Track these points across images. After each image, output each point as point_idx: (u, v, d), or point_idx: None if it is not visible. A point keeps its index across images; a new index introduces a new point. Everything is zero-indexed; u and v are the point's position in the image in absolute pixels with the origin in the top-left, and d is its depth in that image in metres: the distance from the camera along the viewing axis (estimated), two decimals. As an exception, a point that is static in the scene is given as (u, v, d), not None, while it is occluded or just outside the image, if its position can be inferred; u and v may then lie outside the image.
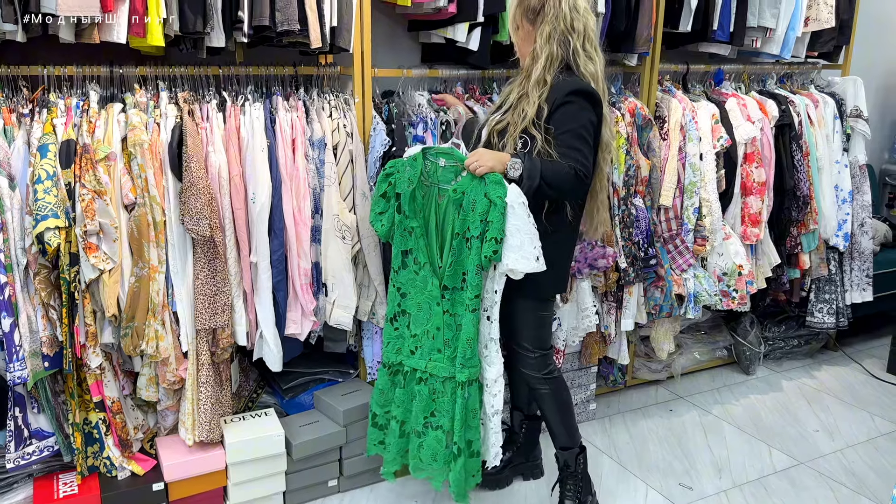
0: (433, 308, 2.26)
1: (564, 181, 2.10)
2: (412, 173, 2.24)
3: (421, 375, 2.31)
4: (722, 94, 3.30)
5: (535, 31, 2.21)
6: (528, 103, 2.16)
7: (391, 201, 2.28)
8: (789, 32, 3.42)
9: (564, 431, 2.46)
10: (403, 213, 2.26)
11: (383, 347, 2.39)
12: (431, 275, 2.25)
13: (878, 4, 4.35)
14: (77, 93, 2.26)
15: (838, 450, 3.01)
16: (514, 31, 2.30)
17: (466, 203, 2.16)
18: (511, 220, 2.09)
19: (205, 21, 2.21)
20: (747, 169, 3.23)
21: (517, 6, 2.26)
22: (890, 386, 3.62)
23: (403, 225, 2.27)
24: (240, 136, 2.32)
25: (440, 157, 2.23)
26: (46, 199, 2.04)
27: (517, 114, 2.19)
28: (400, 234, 2.28)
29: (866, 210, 3.71)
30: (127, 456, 2.35)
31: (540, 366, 2.38)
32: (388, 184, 2.28)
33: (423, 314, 2.29)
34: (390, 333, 2.37)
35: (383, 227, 2.31)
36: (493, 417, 2.28)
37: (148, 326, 2.23)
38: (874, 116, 4.26)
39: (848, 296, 3.74)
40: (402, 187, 2.25)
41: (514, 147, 2.18)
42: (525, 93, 2.20)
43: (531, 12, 2.21)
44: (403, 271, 2.30)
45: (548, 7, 2.17)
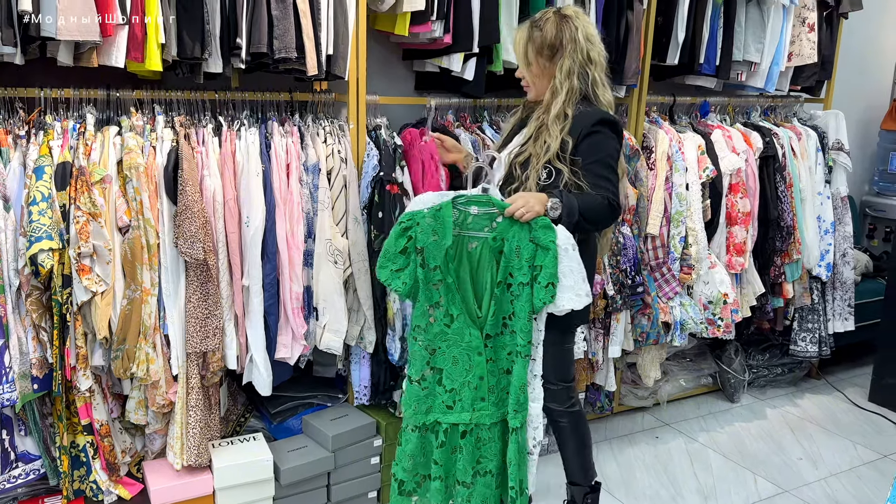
0: (474, 358, 2.14)
1: (600, 213, 2.11)
2: (438, 225, 2.10)
3: (465, 428, 2.18)
4: (708, 126, 3.37)
5: (552, 66, 2.21)
6: (549, 136, 2.16)
7: (412, 256, 2.12)
8: (773, 67, 3.50)
9: (579, 467, 2.45)
10: (430, 267, 2.11)
11: (408, 411, 2.20)
12: (469, 325, 2.13)
13: (859, 42, 4.47)
14: (74, 115, 2.27)
15: (822, 478, 3.04)
16: (526, 66, 2.28)
17: (508, 249, 2.08)
18: (564, 262, 2.05)
19: (203, 47, 2.23)
20: (732, 199, 3.29)
21: (527, 43, 2.24)
22: (872, 415, 3.66)
23: (431, 279, 2.12)
24: (235, 160, 2.34)
25: (471, 205, 2.12)
26: (41, 220, 2.05)
27: (539, 146, 2.18)
28: (426, 290, 2.13)
29: (848, 241, 3.79)
30: (114, 480, 2.33)
31: (563, 398, 2.37)
32: (408, 238, 2.11)
33: (460, 367, 2.16)
34: (416, 394, 2.18)
35: (405, 285, 2.13)
36: (534, 449, 2.22)
37: (139, 349, 2.22)
38: (855, 149, 4.35)
39: (830, 325, 3.79)
40: (424, 241, 2.10)
41: (538, 178, 2.17)
42: (545, 126, 2.19)
43: (547, 49, 2.20)
44: (432, 327, 2.15)
45: (565, 42, 2.17)
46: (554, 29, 2.19)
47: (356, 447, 2.61)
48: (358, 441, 2.62)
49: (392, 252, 2.13)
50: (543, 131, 2.20)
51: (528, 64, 2.26)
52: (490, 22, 2.71)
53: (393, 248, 2.12)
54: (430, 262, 2.11)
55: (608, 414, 3.47)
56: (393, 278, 2.14)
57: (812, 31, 3.56)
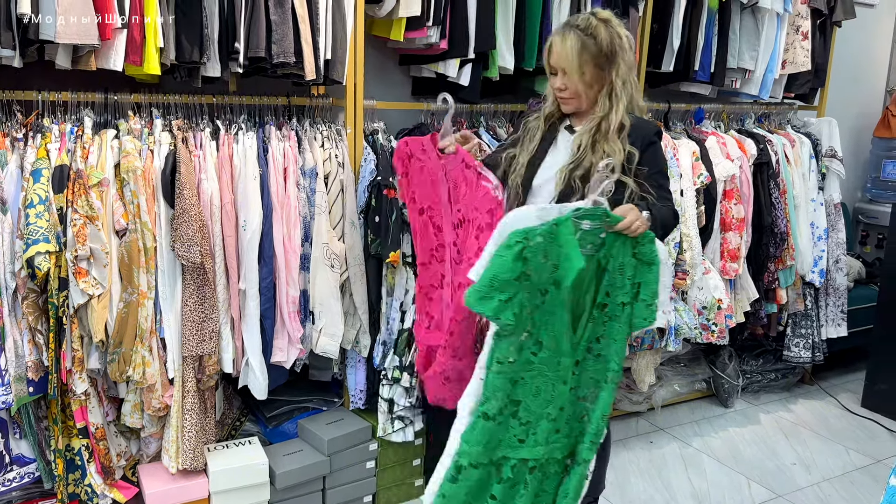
0: (558, 388, 1.90)
1: (671, 223, 2.06)
2: (551, 244, 1.81)
3: (534, 464, 1.93)
4: (702, 133, 3.39)
5: (606, 75, 2.08)
6: (608, 147, 2.04)
7: (522, 281, 1.81)
8: (767, 74, 3.53)
9: (594, 479, 2.39)
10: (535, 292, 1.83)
11: (474, 448, 1.89)
12: (562, 353, 1.89)
13: (852, 50, 4.51)
14: (71, 118, 2.28)
15: (815, 483, 3.06)
16: (579, 76, 2.06)
17: (613, 267, 1.87)
18: (663, 278, 1.90)
19: (201, 51, 2.24)
20: (726, 205, 3.31)
21: (581, 51, 2.05)
22: (864, 420, 3.68)
23: (530, 305, 1.84)
24: (232, 164, 2.35)
25: (585, 220, 1.83)
26: (38, 223, 2.05)
27: (599, 157, 2.04)
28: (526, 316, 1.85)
29: (841, 247, 3.81)
30: (109, 483, 2.33)
31: None
32: (524, 260, 1.78)
33: (541, 398, 1.90)
34: (490, 431, 1.89)
35: (516, 316, 1.81)
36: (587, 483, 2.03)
37: (135, 352, 2.22)
38: (848, 156, 4.38)
39: (823, 331, 3.81)
40: (535, 264, 1.80)
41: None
42: (602, 136, 2.07)
43: (603, 57, 2.06)
44: (520, 356, 1.87)
45: (617, 49, 2.07)
46: (607, 36, 2.06)
47: (352, 451, 2.61)
48: (353, 445, 2.62)
49: (504, 279, 1.78)
50: (601, 142, 2.06)
51: (581, 73, 2.07)
52: (486, 28, 2.73)
53: (507, 275, 1.78)
54: (537, 285, 1.83)
55: (603, 419, 3.47)
56: (502, 310, 1.80)
57: (806, 40, 3.60)
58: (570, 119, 2.21)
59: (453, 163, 2.23)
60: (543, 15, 2.87)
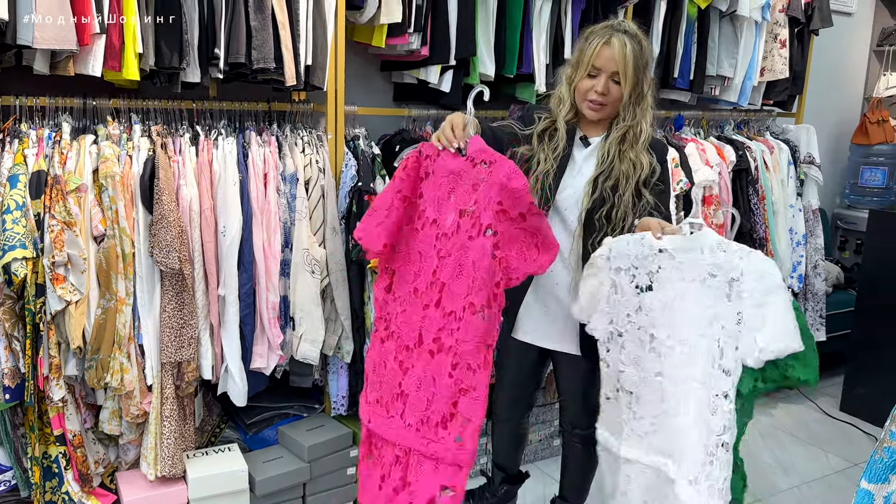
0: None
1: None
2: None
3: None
4: (682, 139, 3.42)
5: (640, 84, 2.04)
6: (636, 157, 2.03)
7: None
8: (746, 81, 3.58)
9: (578, 487, 2.41)
10: None
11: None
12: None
13: (829, 58, 4.57)
14: (49, 124, 2.26)
15: (794, 486, 3.08)
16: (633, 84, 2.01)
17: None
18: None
19: (181, 57, 2.24)
20: (706, 211, 3.34)
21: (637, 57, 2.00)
22: (843, 424, 3.72)
23: None
24: (212, 169, 2.34)
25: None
26: (15, 229, 2.03)
27: (627, 166, 2.03)
28: None
29: (819, 253, 3.85)
30: (86, 491, 2.31)
31: (591, 421, 2.22)
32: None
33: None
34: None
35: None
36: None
37: (113, 359, 2.21)
38: (826, 163, 4.44)
39: (802, 335, 3.85)
40: None
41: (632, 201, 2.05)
42: (630, 146, 2.05)
43: (644, 67, 2.04)
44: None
45: (650, 61, 2.06)
46: (647, 45, 2.05)
47: (332, 457, 2.61)
48: (334, 451, 2.61)
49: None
50: (628, 151, 2.04)
51: (634, 80, 2.01)
52: (466, 35, 2.75)
53: None
54: None
55: (584, 424, 3.49)
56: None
57: (784, 48, 3.64)
58: (583, 127, 2.15)
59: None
60: (524, 22, 2.89)
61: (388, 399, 1.92)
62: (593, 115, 2.08)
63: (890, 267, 3.61)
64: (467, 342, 1.78)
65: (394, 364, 1.91)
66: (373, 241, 1.88)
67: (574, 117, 2.14)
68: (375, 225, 1.88)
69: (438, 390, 1.81)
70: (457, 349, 1.79)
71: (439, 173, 1.85)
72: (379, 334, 1.95)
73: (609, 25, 2.05)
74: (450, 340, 1.80)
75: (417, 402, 1.84)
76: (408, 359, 1.88)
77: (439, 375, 1.81)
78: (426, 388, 1.83)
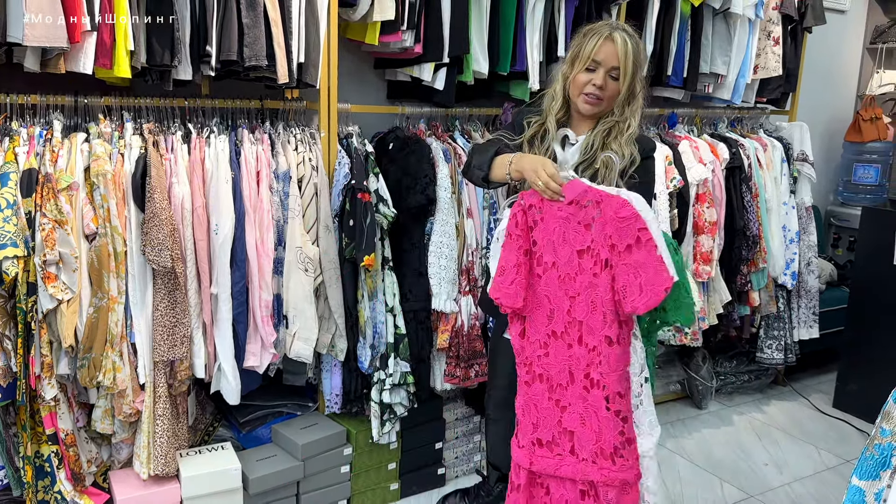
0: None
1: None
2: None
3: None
4: (675, 137, 3.42)
5: (635, 84, 2.08)
6: (619, 148, 2.06)
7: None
8: (739, 79, 3.58)
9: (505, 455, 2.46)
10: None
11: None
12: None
13: (823, 56, 4.57)
14: (40, 122, 2.25)
15: (787, 483, 3.10)
16: (631, 78, 2.05)
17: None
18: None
19: (172, 54, 2.23)
20: (699, 209, 3.34)
21: (637, 53, 2.05)
22: (835, 420, 3.73)
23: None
24: (204, 167, 2.33)
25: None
26: (6, 227, 2.02)
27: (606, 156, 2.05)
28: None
29: (812, 250, 3.86)
30: (79, 490, 2.30)
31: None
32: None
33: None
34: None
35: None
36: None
37: (105, 358, 2.20)
38: (819, 160, 4.45)
39: (796, 332, 3.86)
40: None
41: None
42: (615, 139, 2.07)
43: (641, 67, 2.08)
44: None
45: (644, 60, 2.09)
46: (643, 47, 2.09)
47: (326, 456, 2.61)
48: (328, 450, 2.61)
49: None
50: (611, 143, 2.07)
51: (633, 76, 2.05)
52: (460, 32, 2.74)
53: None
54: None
55: (578, 421, 3.49)
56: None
57: (777, 45, 3.65)
58: (572, 124, 2.17)
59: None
60: (517, 20, 2.88)
61: (548, 439, 1.97)
62: (588, 110, 2.09)
63: (883, 264, 3.62)
64: (611, 374, 1.88)
65: (548, 404, 1.97)
66: (512, 300, 1.93)
67: (565, 115, 2.15)
68: (510, 284, 1.93)
69: (602, 423, 1.89)
70: (604, 382, 1.88)
71: (548, 220, 1.92)
72: (523, 378, 2.01)
73: (608, 24, 2.09)
74: (597, 374, 1.90)
75: (587, 437, 1.92)
76: (564, 397, 1.95)
77: (598, 409, 1.90)
78: (591, 422, 1.91)
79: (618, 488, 1.89)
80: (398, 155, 2.73)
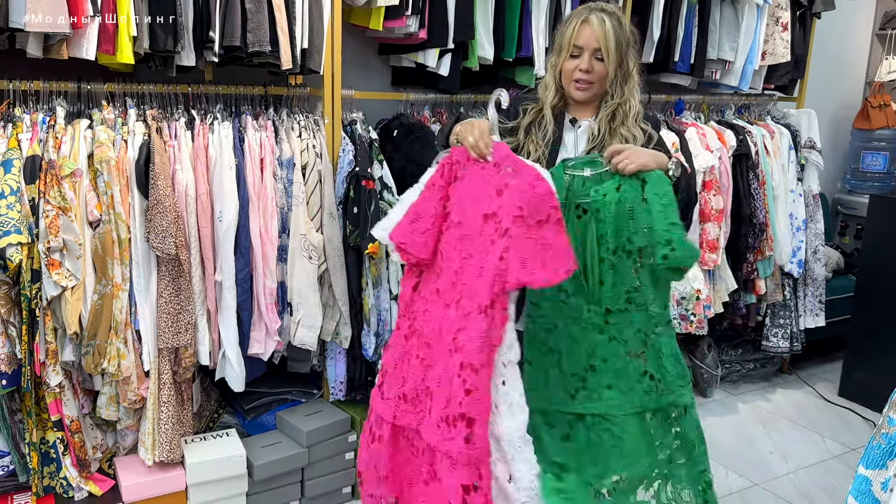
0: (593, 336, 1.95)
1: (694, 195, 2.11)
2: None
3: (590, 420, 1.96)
4: (682, 124, 3.40)
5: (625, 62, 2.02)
6: (628, 132, 2.02)
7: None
8: (747, 65, 3.54)
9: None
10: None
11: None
12: (582, 299, 1.94)
13: (831, 42, 4.53)
14: (43, 108, 2.24)
15: (791, 471, 3.09)
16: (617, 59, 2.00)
17: (623, 213, 1.89)
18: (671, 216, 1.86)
19: (175, 40, 2.22)
20: (706, 196, 3.32)
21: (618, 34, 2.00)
22: (841, 409, 3.72)
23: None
24: (208, 154, 2.32)
25: (584, 168, 1.94)
26: (9, 214, 2.02)
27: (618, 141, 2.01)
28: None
29: (819, 238, 3.84)
30: (84, 476, 2.31)
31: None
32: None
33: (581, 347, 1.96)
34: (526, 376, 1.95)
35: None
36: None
37: (110, 344, 2.20)
38: (827, 148, 4.41)
39: (802, 321, 3.85)
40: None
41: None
42: (621, 123, 2.03)
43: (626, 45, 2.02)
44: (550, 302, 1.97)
45: (633, 39, 2.05)
46: (627, 24, 2.04)
47: (330, 443, 2.61)
48: (332, 437, 2.62)
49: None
50: (619, 128, 2.03)
51: (618, 56, 2.00)
52: (465, 18, 2.72)
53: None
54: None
55: (583, 409, 3.49)
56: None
57: (785, 31, 3.61)
58: (571, 111, 2.11)
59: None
60: (523, 5, 2.86)
61: (413, 395, 1.89)
62: (581, 96, 2.05)
63: (890, 252, 3.60)
64: (472, 341, 1.78)
65: (416, 361, 1.89)
66: (419, 250, 1.86)
67: (560, 102, 2.11)
68: (422, 233, 1.85)
69: (453, 390, 1.80)
70: (465, 349, 1.78)
71: (468, 179, 1.85)
72: (402, 331, 1.94)
73: (588, 6, 2.05)
74: (462, 340, 1.80)
75: (440, 400, 1.83)
76: (429, 356, 1.87)
77: (452, 376, 1.80)
78: (444, 387, 1.82)
79: (450, 460, 1.79)
80: (403, 142, 2.72)
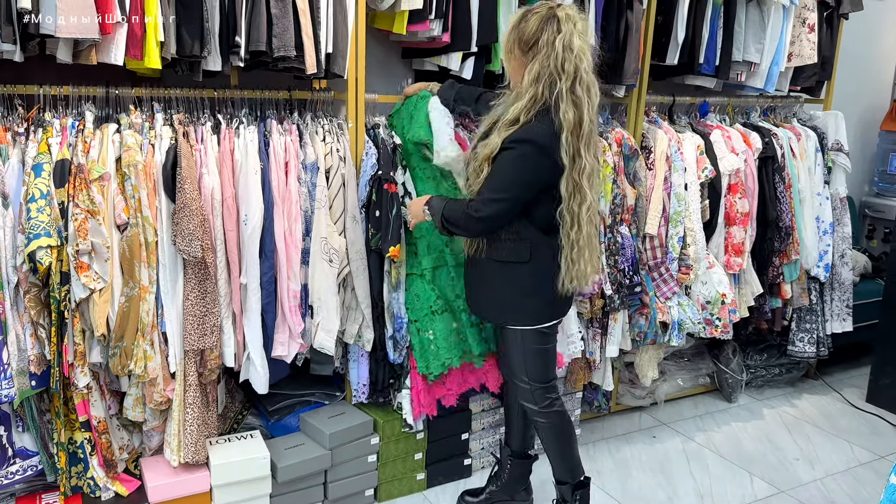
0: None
1: (459, 220, 2.20)
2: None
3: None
4: (707, 126, 3.37)
5: (526, 63, 2.10)
6: (494, 138, 2.12)
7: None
8: (773, 67, 3.50)
9: (563, 465, 2.46)
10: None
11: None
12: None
13: (859, 43, 4.47)
14: (72, 112, 2.27)
15: (818, 479, 3.05)
16: (508, 55, 2.16)
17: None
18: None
19: (202, 45, 2.24)
20: (731, 200, 3.29)
21: (512, 30, 2.12)
22: (868, 415, 3.66)
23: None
24: (234, 158, 2.34)
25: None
26: (39, 217, 2.05)
27: (485, 145, 2.16)
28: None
29: (846, 241, 3.79)
30: (111, 476, 2.34)
31: (538, 399, 2.37)
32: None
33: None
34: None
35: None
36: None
37: (137, 346, 2.23)
38: (854, 150, 4.35)
39: (828, 325, 3.79)
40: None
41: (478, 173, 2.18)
42: (499, 126, 2.14)
43: (524, 44, 2.09)
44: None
45: (541, 43, 2.04)
46: (535, 25, 2.05)
47: (353, 445, 2.62)
48: (355, 439, 2.62)
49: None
50: (495, 131, 2.14)
51: (509, 52, 2.16)
52: (488, 21, 2.71)
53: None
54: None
55: (605, 413, 3.47)
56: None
57: (812, 32, 3.56)
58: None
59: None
60: (546, 8, 2.85)
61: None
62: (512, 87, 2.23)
63: (920, 256, 3.54)
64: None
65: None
66: None
67: None
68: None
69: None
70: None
71: None
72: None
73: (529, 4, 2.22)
74: None
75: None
76: None
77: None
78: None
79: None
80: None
